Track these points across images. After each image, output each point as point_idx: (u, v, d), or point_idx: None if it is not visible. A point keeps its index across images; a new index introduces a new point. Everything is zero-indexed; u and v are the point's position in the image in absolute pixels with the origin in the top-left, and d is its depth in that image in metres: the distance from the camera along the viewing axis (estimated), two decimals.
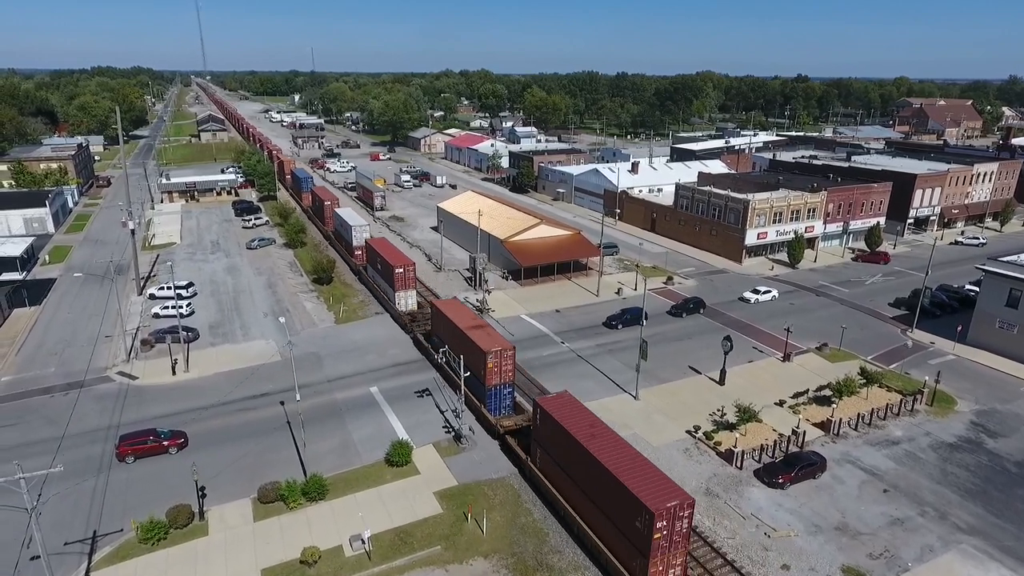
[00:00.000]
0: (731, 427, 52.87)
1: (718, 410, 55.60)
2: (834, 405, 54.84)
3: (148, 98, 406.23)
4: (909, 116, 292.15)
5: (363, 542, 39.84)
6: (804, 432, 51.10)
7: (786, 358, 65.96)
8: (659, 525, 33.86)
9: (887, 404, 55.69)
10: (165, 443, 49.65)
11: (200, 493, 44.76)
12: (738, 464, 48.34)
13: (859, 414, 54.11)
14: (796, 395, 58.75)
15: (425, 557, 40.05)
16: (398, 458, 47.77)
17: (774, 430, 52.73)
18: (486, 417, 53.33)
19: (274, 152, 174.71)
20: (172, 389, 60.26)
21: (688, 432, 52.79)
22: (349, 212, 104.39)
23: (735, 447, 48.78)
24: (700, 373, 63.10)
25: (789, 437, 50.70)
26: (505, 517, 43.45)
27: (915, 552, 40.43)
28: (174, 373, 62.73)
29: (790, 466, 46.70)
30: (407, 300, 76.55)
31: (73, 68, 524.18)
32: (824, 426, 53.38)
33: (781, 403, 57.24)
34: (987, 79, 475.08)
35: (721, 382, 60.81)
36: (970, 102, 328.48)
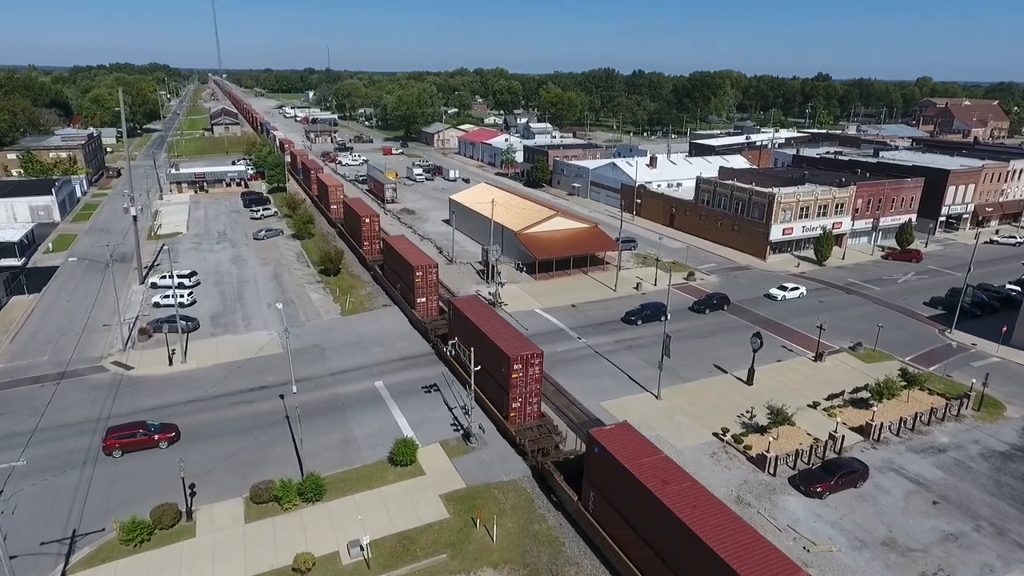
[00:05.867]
0: (761, 430, 48.96)
1: (747, 411, 51.65)
2: (874, 408, 50.70)
3: (164, 94, 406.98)
4: (933, 116, 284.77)
5: (362, 548, 36.41)
6: (843, 437, 47.07)
7: (818, 357, 61.83)
8: None
9: (931, 408, 51.45)
10: (155, 437, 46.59)
11: (190, 491, 41.68)
12: (771, 470, 44.44)
13: (901, 418, 49.94)
14: (831, 397, 54.62)
15: (429, 566, 36.57)
16: (402, 457, 44.33)
17: (808, 434, 48.73)
18: None
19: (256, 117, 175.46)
20: (168, 380, 57.31)
21: (715, 435, 48.91)
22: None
23: (768, 452, 44.85)
24: (726, 372, 59.16)
25: (826, 442, 46.69)
26: (517, 523, 39.88)
27: (973, 571, 36.34)
28: (171, 364, 59.82)
29: (829, 473, 42.70)
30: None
31: (92, 65, 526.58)
32: (863, 431, 49.27)
33: (815, 405, 53.18)
34: (1012, 81, 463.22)
35: (749, 382, 56.83)
36: (996, 102, 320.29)
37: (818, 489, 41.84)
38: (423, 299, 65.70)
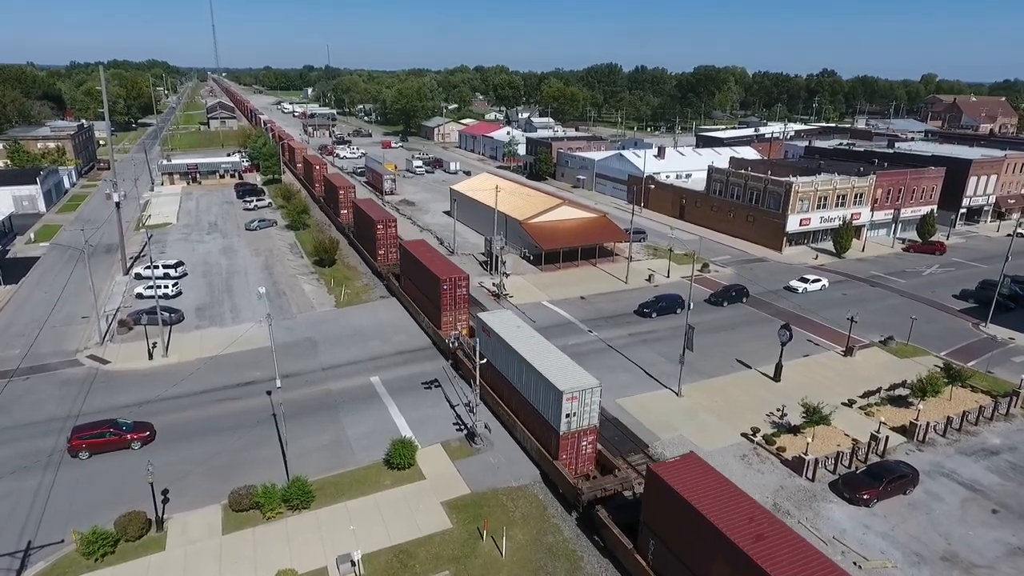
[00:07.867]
0: (794, 430, 44.63)
1: (777, 410, 47.30)
2: (919, 407, 46.31)
3: (161, 90, 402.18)
4: (941, 111, 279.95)
5: (353, 564, 32.00)
6: (887, 438, 42.71)
7: (848, 352, 57.49)
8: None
9: (979, 407, 47.09)
10: (127, 436, 42.19)
11: (162, 497, 37.36)
12: (809, 475, 40.07)
13: (948, 417, 45.60)
14: (866, 394, 50.28)
15: None
16: (400, 460, 39.91)
17: (846, 434, 44.38)
18: None
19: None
20: (146, 375, 52.91)
21: (744, 435, 44.54)
22: None
23: (805, 454, 40.48)
24: (750, 367, 54.81)
25: (868, 443, 42.32)
26: (528, 535, 35.49)
27: None
28: (151, 357, 55.46)
29: (876, 479, 38.29)
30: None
31: (90, 62, 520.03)
32: (905, 431, 44.93)
33: (850, 403, 48.82)
34: (1017, 79, 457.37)
35: (776, 378, 52.46)
36: (1003, 98, 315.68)
37: (864, 496, 37.45)
38: (345, 211, 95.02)
